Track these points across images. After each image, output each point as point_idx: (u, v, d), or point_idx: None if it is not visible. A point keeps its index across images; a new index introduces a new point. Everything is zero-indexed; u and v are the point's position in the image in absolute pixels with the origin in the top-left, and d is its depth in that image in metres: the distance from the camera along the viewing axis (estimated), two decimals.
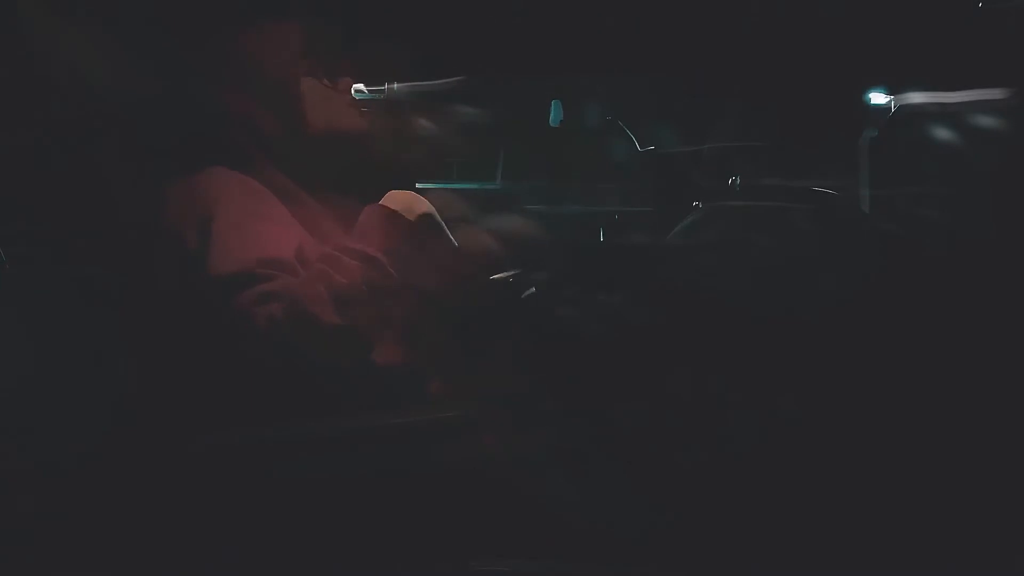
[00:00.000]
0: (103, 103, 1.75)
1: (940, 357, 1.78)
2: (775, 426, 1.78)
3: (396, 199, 1.75)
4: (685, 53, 2.04)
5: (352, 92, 1.87)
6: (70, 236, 1.77)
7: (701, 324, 1.83)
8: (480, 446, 1.71)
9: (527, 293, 1.90)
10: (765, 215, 1.98)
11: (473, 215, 1.97)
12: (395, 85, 1.92)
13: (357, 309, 1.65)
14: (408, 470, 1.67)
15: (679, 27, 2.04)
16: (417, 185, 1.96)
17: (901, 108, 1.99)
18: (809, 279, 1.85)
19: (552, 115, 2.11)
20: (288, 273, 1.65)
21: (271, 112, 1.81)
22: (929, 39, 1.93)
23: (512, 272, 1.91)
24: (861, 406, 1.77)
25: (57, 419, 1.68)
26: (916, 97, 1.99)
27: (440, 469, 1.67)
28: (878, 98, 2.00)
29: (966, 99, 1.93)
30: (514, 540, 1.69)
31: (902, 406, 1.77)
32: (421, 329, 1.71)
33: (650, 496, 1.74)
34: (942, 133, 1.96)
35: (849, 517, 1.71)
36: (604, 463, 1.75)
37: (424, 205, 1.75)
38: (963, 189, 1.91)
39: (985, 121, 1.91)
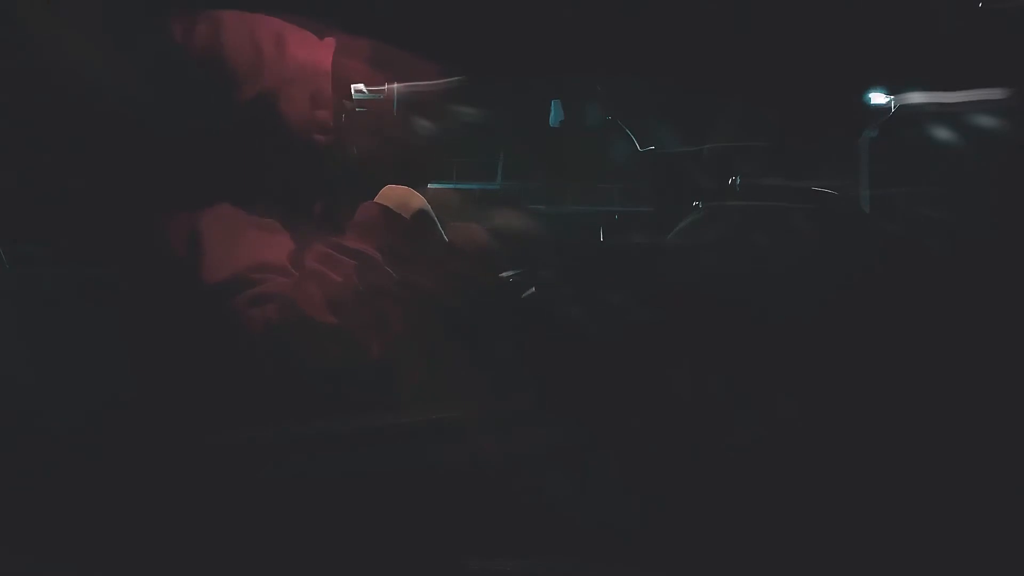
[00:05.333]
0: (101, 103, 1.75)
1: (940, 357, 1.78)
2: (775, 426, 1.78)
3: (391, 195, 1.75)
4: (686, 53, 2.04)
5: (352, 93, 1.86)
6: (68, 236, 1.77)
7: (701, 324, 1.83)
8: (479, 446, 1.71)
9: (527, 293, 1.90)
10: (765, 215, 1.98)
11: (473, 214, 1.97)
12: (394, 86, 1.92)
13: (352, 307, 1.64)
14: (407, 470, 1.66)
15: (680, 27, 2.04)
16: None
17: (901, 108, 1.99)
18: (809, 279, 1.85)
19: (552, 115, 2.11)
20: (283, 276, 1.65)
21: (269, 113, 1.80)
22: (929, 39, 1.93)
23: (512, 272, 1.91)
24: (861, 406, 1.77)
25: (57, 418, 1.68)
26: (916, 97, 1.98)
27: (440, 469, 1.67)
28: (878, 98, 2.00)
29: (966, 99, 1.93)
30: (513, 540, 1.69)
31: (902, 405, 1.76)
32: (417, 327, 1.71)
33: (650, 496, 1.74)
34: (942, 133, 1.95)
35: (851, 517, 1.71)
36: (604, 463, 1.75)
37: (419, 201, 1.75)
38: (963, 189, 1.91)
39: (985, 121, 1.91)
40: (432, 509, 1.66)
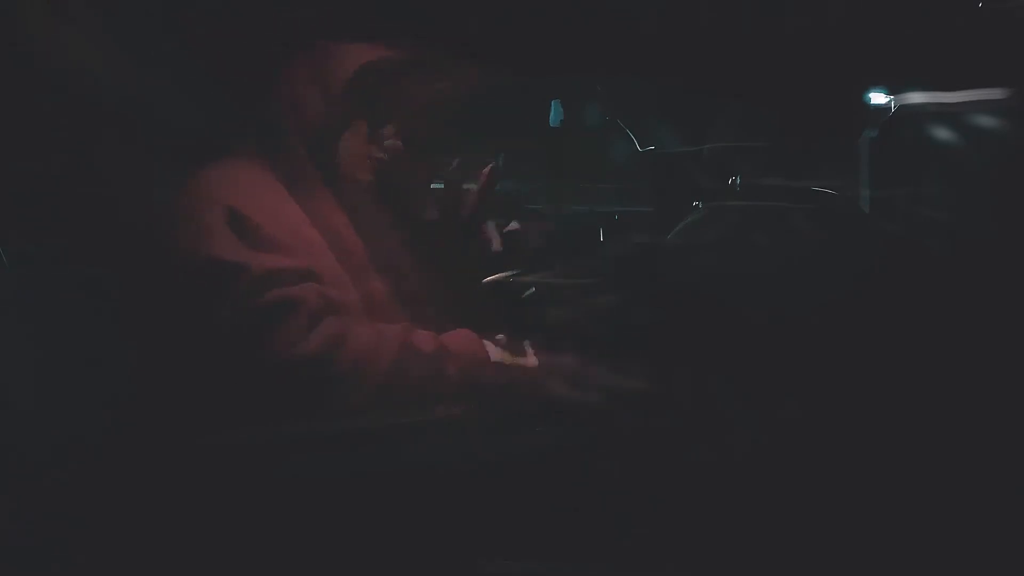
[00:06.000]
0: (113, 103, 1.74)
1: (940, 356, 1.78)
2: (775, 427, 1.78)
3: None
4: (687, 54, 2.04)
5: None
6: (72, 237, 1.77)
7: (700, 324, 1.83)
8: (479, 446, 1.71)
9: (527, 293, 1.90)
10: (765, 215, 1.98)
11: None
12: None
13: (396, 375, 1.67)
14: (407, 470, 1.66)
15: (680, 28, 2.04)
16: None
17: (901, 108, 1.99)
18: (809, 279, 1.85)
19: (552, 115, 2.11)
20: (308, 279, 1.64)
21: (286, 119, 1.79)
22: (929, 39, 1.93)
23: (512, 272, 1.91)
24: (861, 405, 1.77)
25: (58, 419, 1.68)
26: (916, 97, 1.98)
27: (440, 469, 1.67)
28: (878, 98, 2.00)
29: (966, 99, 1.93)
30: (514, 540, 1.69)
31: (902, 405, 1.77)
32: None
33: (652, 497, 1.74)
34: (942, 133, 1.96)
35: (851, 518, 1.71)
36: (607, 464, 1.75)
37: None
38: (963, 189, 1.91)
39: (985, 121, 1.91)
40: (433, 509, 1.66)
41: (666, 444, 1.78)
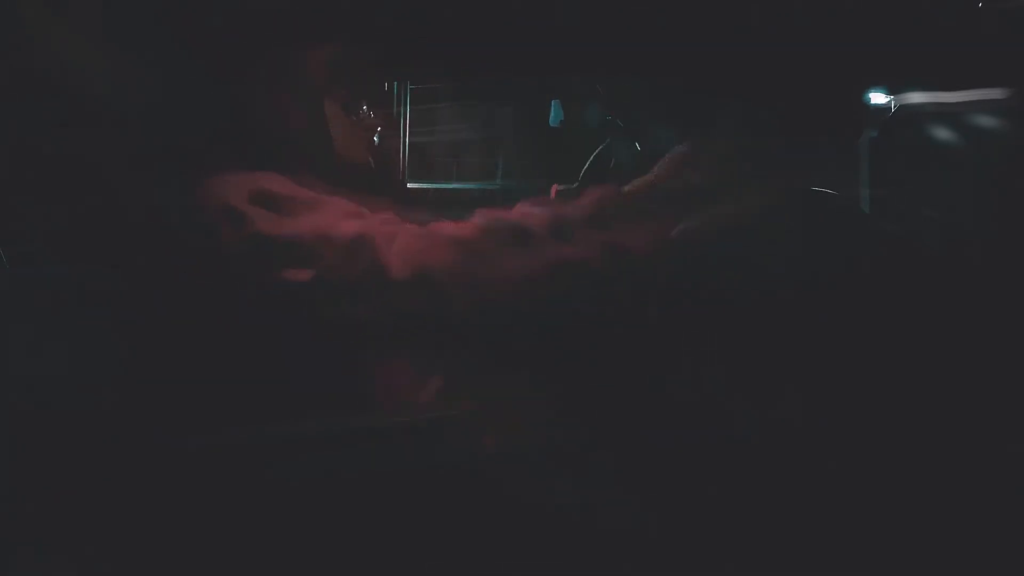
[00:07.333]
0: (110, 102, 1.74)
1: (940, 358, 1.78)
2: (775, 427, 1.78)
3: None
4: (686, 53, 2.04)
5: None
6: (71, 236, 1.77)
7: (699, 324, 1.83)
8: (480, 446, 1.71)
9: None
10: (765, 215, 1.98)
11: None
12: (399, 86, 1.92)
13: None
14: (407, 470, 1.66)
15: (680, 27, 2.04)
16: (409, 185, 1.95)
17: (901, 108, 1.99)
18: (808, 279, 1.86)
19: (552, 115, 2.12)
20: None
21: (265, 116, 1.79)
22: (929, 39, 1.93)
23: None
24: (861, 405, 1.78)
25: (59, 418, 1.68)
26: (916, 97, 1.99)
27: (440, 469, 1.67)
28: (878, 98, 2.01)
29: (966, 99, 1.93)
30: (513, 542, 1.69)
31: (902, 406, 1.77)
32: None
33: (653, 498, 1.74)
34: (942, 133, 1.96)
35: (851, 519, 1.71)
36: (608, 465, 1.75)
37: None
38: (963, 189, 1.92)
39: (985, 121, 1.92)
40: (433, 509, 1.66)
41: (666, 443, 1.78)
